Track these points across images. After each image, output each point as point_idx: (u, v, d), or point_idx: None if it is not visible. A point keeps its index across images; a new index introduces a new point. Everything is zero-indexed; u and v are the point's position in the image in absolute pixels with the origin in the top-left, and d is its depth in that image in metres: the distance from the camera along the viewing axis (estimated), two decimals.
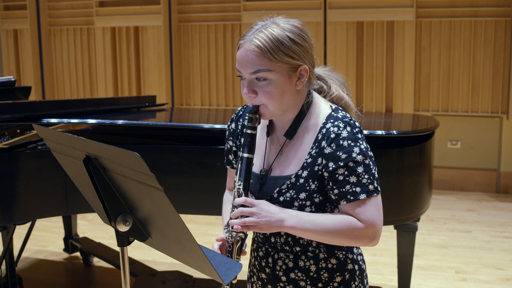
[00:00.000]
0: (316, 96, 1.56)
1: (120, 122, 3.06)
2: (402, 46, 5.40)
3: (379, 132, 2.77)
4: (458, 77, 5.44)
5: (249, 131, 1.50)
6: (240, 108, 1.70)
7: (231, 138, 1.68)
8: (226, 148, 1.71)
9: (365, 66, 5.54)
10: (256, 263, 1.64)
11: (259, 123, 1.51)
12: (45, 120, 3.03)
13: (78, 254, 4.02)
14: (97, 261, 3.94)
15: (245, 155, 1.50)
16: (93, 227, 4.71)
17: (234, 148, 1.68)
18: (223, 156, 1.74)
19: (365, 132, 2.08)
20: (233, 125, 1.68)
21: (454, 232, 4.54)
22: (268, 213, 1.42)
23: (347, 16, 5.48)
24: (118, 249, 1.42)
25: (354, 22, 5.48)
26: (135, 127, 3.14)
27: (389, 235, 3.76)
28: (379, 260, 3.95)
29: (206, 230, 4.61)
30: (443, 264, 3.89)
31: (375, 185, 1.44)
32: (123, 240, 1.37)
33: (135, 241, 1.38)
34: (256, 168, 1.57)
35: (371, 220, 1.43)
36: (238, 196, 1.48)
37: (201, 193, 2.81)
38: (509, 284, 3.57)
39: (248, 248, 1.61)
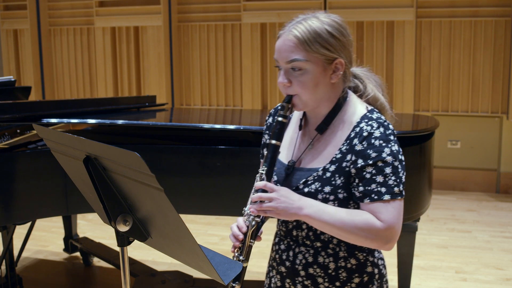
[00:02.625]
0: (351, 95, 1.58)
1: (120, 122, 3.05)
2: (402, 46, 5.40)
3: None
4: (458, 77, 5.44)
5: (279, 119, 1.53)
6: (279, 104, 1.72)
7: (267, 131, 1.72)
8: (262, 143, 1.74)
9: (365, 66, 5.53)
10: (277, 256, 1.65)
11: (291, 113, 1.53)
12: (45, 120, 3.03)
13: (78, 254, 4.02)
14: (97, 261, 3.94)
15: (273, 141, 1.53)
16: (93, 227, 4.71)
17: (267, 141, 1.70)
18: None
19: None
20: (270, 120, 1.72)
21: (454, 232, 4.54)
22: (287, 199, 1.44)
23: (347, 16, 5.45)
24: (118, 249, 1.42)
25: (354, 22, 5.48)
26: (135, 127, 3.14)
27: None
28: None
29: (206, 230, 4.61)
30: (443, 264, 3.89)
31: (401, 188, 1.44)
32: (123, 240, 1.37)
33: (135, 241, 1.38)
34: (285, 158, 1.60)
35: (391, 222, 1.42)
36: (261, 180, 1.50)
37: (201, 193, 2.81)
38: (509, 284, 3.57)
39: (267, 242, 1.61)
